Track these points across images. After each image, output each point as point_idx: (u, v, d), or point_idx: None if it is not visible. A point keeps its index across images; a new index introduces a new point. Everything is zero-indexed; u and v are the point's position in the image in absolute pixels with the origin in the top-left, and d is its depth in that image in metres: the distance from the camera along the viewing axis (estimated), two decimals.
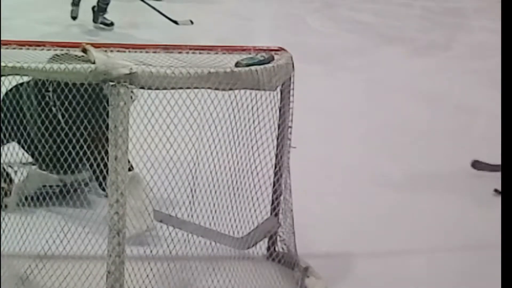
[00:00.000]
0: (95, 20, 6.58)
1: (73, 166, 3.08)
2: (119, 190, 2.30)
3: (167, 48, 2.67)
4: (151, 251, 2.67)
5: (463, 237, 3.31)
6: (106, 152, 2.37)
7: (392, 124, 4.59)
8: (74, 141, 2.81)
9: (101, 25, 6.58)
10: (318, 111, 4.58)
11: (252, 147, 2.67)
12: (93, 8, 6.58)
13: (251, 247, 2.95)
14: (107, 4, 6.55)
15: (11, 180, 3.27)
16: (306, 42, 6.42)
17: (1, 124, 2.92)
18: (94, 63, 2.35)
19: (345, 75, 5.64)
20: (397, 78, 5.58)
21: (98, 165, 2.58)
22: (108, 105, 2.43)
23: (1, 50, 2.49)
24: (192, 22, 6.45)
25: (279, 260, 2.92)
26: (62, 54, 2.57)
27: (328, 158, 4.01)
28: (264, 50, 2.67)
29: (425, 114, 4.88)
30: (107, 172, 2.45)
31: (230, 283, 2.72)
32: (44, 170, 3.29)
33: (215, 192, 2.92)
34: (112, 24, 6.58)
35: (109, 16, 6.59)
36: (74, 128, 2.84)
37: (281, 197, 2.88)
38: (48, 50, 2.61)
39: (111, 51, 2.58)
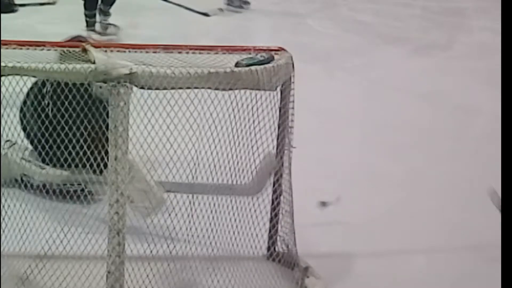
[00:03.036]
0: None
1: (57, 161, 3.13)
2: (119, 190, 2.30)
3: (167, 48, 2.67)
4: (151, 251, 2.67)
5: (463, 237, 3.31)
6: (105, 152, 2.38)
7: (392, 124, 4.59)
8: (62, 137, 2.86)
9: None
10: (318, 111, 4.58)
11: (252, 147, 2.67)
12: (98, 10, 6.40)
13: (261, 191, 2.95)
14: (109, 9, 6.31)
15: None
16: (306, 42, 6.41)
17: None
18: (94, 63, 2.36)
19: (345, 75, 5.64)
20: (397, 78, 5.57)
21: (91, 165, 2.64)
22: (98, 103, 2.55)
23: (1, 50, 2.50)
24: (222, 10, 6.25)
25: (279, 260, 2.92)
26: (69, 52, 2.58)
27: (328, 158, 4.01)
28: (264, 50, 2.67)
29: (425, 114, 4.87)
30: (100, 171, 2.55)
31: (230, 283, 2.72)
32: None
33: (215, 191, 2.93)
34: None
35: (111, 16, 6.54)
36: (63, 124, 2.85)
37: (281, 197, 2.88)
38: (48, 50, 2.62)
39: (111, 51, 2.58)
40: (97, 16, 6.37)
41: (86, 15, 6.18)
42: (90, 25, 6.19)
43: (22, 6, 5.06)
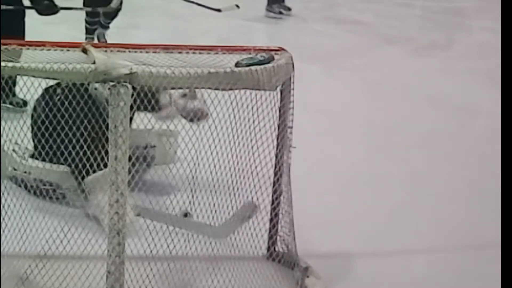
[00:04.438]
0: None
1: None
2: (119, 190, 2.30)
3: (167, 48, 2.67)
4: (151, 251, 2.67)
5: (463, 237, 3.31)
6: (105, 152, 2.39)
7: (392, 124, 4.59)
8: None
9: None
10: (318, 111, 4.58)
11: (252, 147, 2.67)
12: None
13: (229, 235, 2.97)
14: (109, 23, 5.94)
15: None
16: (306, 42, 6.42)
17: None
18: (94, 63, 2.36)
19: (345, 75, 5.64)
20: (397, 78, 5.58)
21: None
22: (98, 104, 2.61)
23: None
24: (238, 7, 6.09)
25: (279, 260, 2.92)
26: None
27: (328, 158, 4.01)
28: (264, 50, 2.67)
29: (425, 114, 4.88)
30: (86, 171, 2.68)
31: (230, 283, 2.72)
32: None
33: (215, 192, 2.93)
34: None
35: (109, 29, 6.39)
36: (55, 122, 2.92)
37: (281, 197, 2.88)
38: (48, 50, 2.62)
39: (111, 51, 2.58)
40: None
41: (87, 22, 5.93)
42: (89, 32, 5.93)
43: (68, 9, 5.00)
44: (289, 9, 7.53)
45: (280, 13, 7.48)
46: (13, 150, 3.38)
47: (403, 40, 6.85)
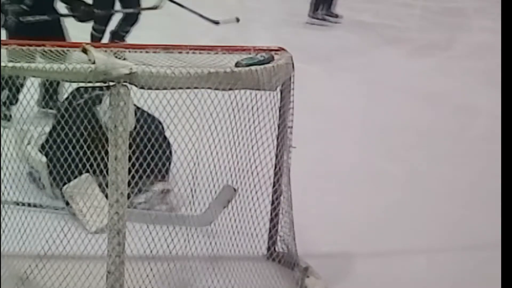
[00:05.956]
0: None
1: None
2: (119, 190, 2.30)
3: (167, 48, 2.67)
4: (151, 251, 2.67)
5: (463, 237, 3.31)
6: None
7: (392, 124, 4.59)
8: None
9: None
10: (318, 111, 4.58)
11: (252, 147, 2.67)
12: (111, 32, 5.71)
13: (213, 221, 3.00)
14: (127, 32, 5.74)
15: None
16: (306, 42, 6.42)
17: None
18: (94, 63, 2.35)
19: (345, 75, 5.64)
20: (397, 78, 5.57)
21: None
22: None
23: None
24: (238, 20, 5.94)
25: (279, 260, 2.92)
26: None
27: (328, 158, 4.01)
28: (264, 50, 2.67)
29: (425, 114, 4.88)
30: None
31: (230, 283, 2.72)
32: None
33: (215, 192, 2.93)
34: None
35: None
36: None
37: (281, 197, 2.88)
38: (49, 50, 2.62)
39: (111, 51, 2.58)
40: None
41: (94, 29, 5.55)
42: (94, 40, 5.46)
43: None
44: (336, 16, 7.21)
45: (324, 19, 7.16)
46: (28, 141, 3.45)
47: (403, 40, 6.85)
